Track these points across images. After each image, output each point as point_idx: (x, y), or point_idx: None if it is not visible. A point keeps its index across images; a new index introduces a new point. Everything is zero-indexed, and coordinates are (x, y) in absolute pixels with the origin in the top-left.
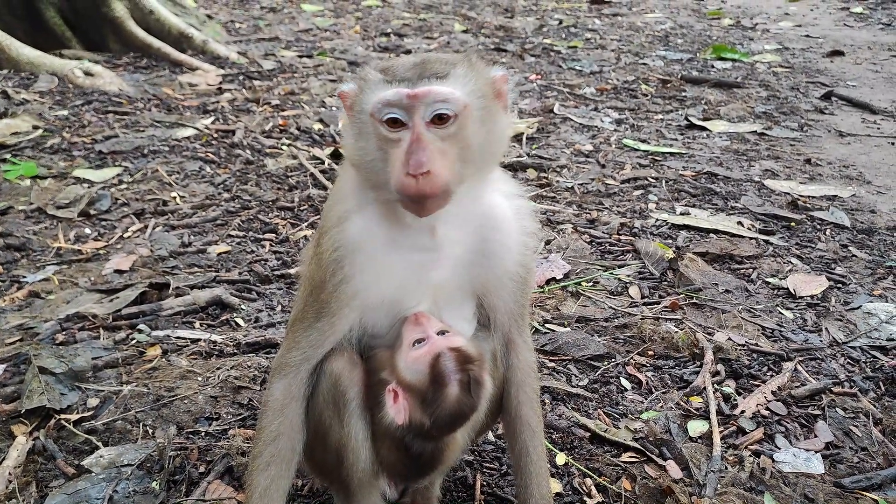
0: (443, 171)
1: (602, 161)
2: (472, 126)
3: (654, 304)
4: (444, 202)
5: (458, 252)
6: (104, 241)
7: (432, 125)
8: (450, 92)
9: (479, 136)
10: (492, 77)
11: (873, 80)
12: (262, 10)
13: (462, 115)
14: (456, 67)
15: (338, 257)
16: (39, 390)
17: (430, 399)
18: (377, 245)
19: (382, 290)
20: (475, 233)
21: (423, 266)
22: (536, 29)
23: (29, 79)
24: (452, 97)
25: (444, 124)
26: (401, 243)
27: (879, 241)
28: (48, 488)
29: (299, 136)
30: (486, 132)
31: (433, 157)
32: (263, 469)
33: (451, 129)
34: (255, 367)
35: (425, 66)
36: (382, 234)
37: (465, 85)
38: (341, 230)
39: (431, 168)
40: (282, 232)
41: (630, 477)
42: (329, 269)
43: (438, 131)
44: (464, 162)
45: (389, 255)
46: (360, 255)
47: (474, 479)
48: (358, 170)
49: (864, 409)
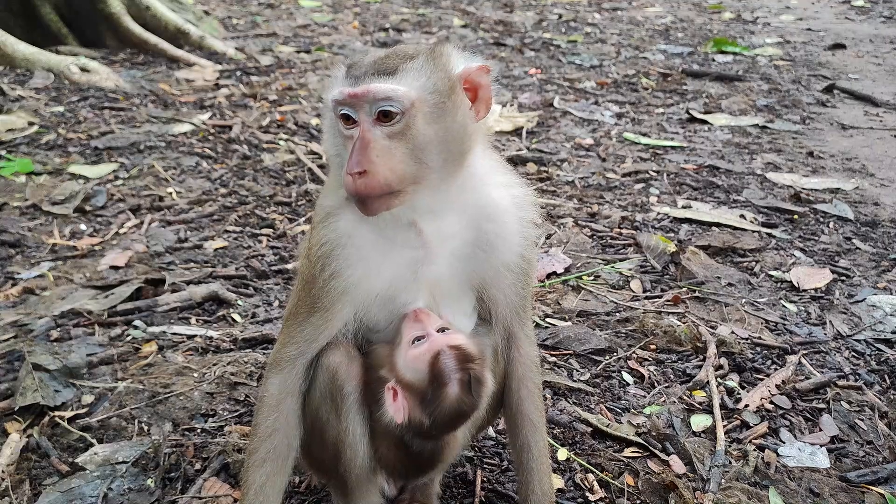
0: (382, 170)
1: (603, 155)
2: (423, 123)
3: (656, 297)
4: (391, 202)
5: (453, 246)
6: (100, 238)
7: (378, 122)
8: (392, 89)
9: (433, 133)
10: (467, 70)
11: (875, 73)
12: (259, 6)
13: (409, 112)
14: (412, 61)
15: (326, 252)
16: (33, 387)
17: (429, 398)
18: (365, 240)
19: (374, 285)
20: (471, 225)
21: (415, 261)
22: (536, 23)
23: (24, 75)
24: (395, 94)
25: (389, 122)
26: (388, 238)
27: (883, 234)
28: (42, 486)
29: (297, 131)
30: (443, 129)
31: (370, 157)
32: (259, 466)
33: (396, 127)
34: (252, 363)
35: (379, 63)
36: (369, 229)
37: (415, 80)
38: (328, 225)
39: (368, 167)
40: (279, 227)
41: (633, 472)
42: (318, 264)
43: (384, 129)
44: (417, 160)
45: (378, 249)
46: (347, 250)
47: (475, 474)
48: (332, 165)
49: (869, 402)
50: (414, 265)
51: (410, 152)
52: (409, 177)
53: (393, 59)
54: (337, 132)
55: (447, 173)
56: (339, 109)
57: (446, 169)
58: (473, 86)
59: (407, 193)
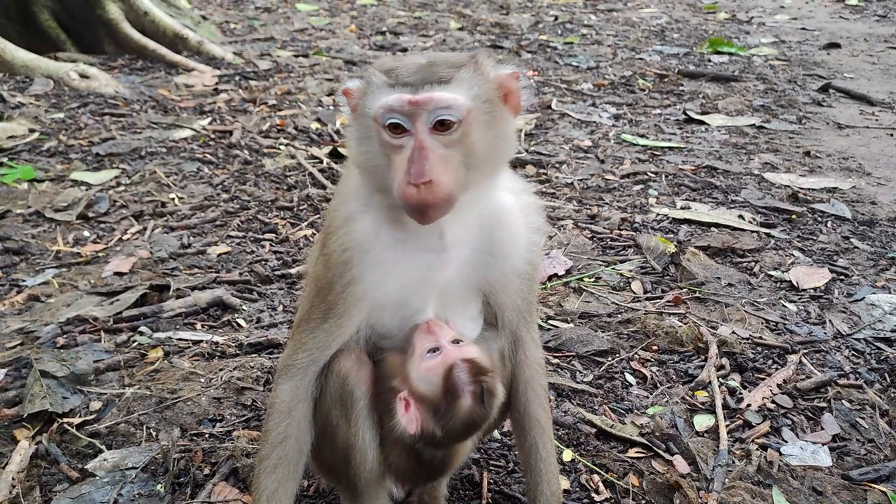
0: (445, 179)
1: (601, 156)
2: (477, 131)
3: (656, 298)
4: (447, 210)
5: (465, 251)
6: (103, 244)
7: (435, 132)
8: (453, 98)
9: (485, 141)
10: (499, 77)
11: (870, 72)
12: (256, 11)
13: (466, 120)
14: (460, 71)
15: (346, 259)
16: (41, 394)
17: (442, 410)
18: (385, 245)
19: (389, 290)
20: (482, 231)
21: (430, 266)
22: (532, 25)
23: (24, 82)
24: (456, 103)
25: (447, 131)
26: (408, 244)
27: (881, 233)
28: (52, 493)
29: (297, 135)
30: (492, 137)
31: (435, 166)
32: (271, 472)
33: (454, 136)
34: (258, 368)
35: (429, 70)
36: (389, 235)
37: (469, 89)
38: (348, 231)
39: (433, 177)
40: (281, 232)
41: (637, 472)
42: (337, 270)
43: (441, 138)
44: (469, 168)
45: (397, 255)
46: (368, 256)
47: (481, 476)
48: (362, 172)
49: (870, 400)
50: (428, 270)
51: (464, 161)
52: (463, 185)
53: (444, 68)
54: (374, 140)
55: (489, 181)
56: (389, 118)
57: (489, 176)
58: (506, 92)
59: (459, 201)
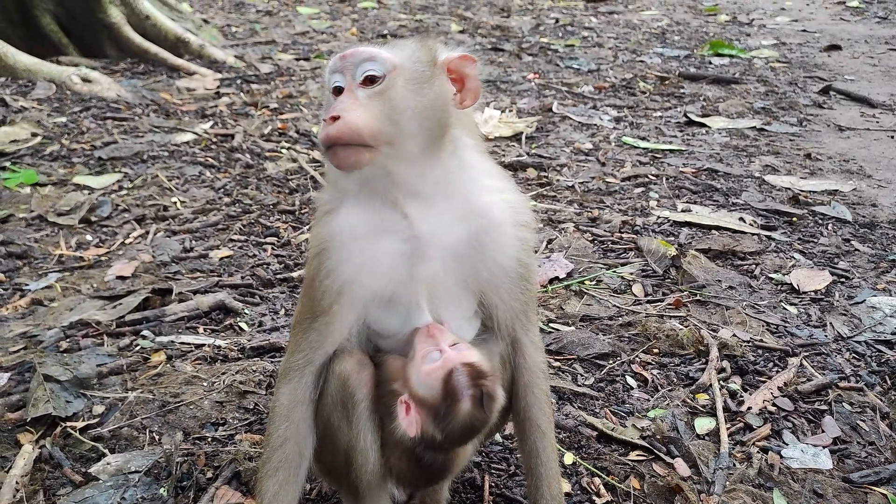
0: (353, 117)
1: (602, 159)
2: (404, 89)
3: (657, 301)
4: (361, 155)
5: (446, 243)
6: (106, 248)
7: (363, 86)
8: (377, 52)
9: (412, 101)
10: (449, 58)
11: (871, 74)
12: (257, 14)
13: (391, 75)
14: (399, 41)
15: (321, 250)
16: (45, 398)
17: (442, 414)
18: (357, 235)
19: (369, 282)
20: (462, 225)
21: (408, 256)
22: (533, 28)
23: (26, 86)
24: (380, 56)
25: (373, 85)
26: (379, 230)
27: (882, 235)
28: (56, 496)
29: (298, 139)
30: (422, 98)
31: (348, 106)
32: (272, 475)
33: (377, 88)
34: (261, 372)
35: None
36: (361, 224)
37: (401, 52)
38: (322, 224)
39: (342, 114)
40: (283, 235)
41: (638, 475)
42: (315, 264)
43: (367, 90)
44: (392, 122)
45: (369, 244)
46: (340, 247)
47: (482, 480)
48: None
49: (870, 403)
50: (407, 261)
51: (387, 113)
52: (382, 134)
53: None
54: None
55: (423, 146)
56: (333, 81)
57: (422, 140)
58: (460, 75)
59: (379, 153)
